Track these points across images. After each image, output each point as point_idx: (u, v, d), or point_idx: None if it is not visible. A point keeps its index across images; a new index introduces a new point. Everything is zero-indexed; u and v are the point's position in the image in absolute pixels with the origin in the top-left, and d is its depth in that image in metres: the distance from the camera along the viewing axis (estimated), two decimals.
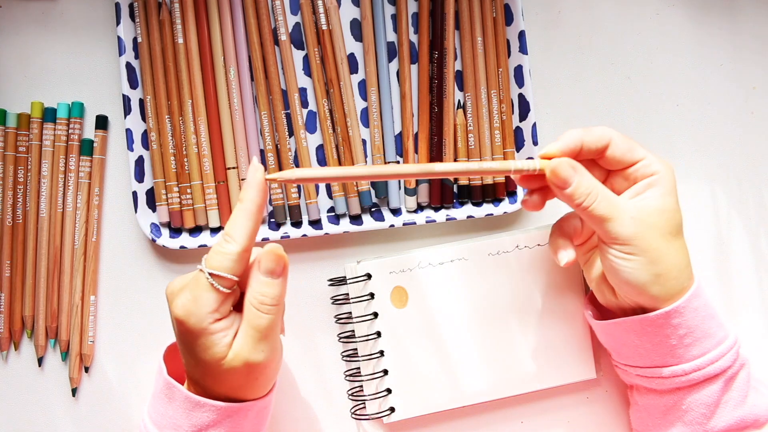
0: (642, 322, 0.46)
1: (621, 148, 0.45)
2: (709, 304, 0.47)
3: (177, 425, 0.43)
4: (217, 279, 0.40)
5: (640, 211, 0.44)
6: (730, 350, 0.46)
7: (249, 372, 0.42)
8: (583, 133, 0.45)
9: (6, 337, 0.53)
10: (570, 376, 0.55)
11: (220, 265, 0.41)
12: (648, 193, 0.45)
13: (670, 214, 0.45)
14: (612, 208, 0.44)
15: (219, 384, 0.43)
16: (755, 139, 0.60)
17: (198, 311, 0.40)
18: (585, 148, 0.45)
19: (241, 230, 0.41)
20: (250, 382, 0.43)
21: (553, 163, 0.44)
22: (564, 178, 0.43)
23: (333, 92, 0.54)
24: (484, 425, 0.56)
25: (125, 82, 0.52)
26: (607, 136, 0.45)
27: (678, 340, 0.46)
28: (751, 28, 0.60)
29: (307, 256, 0.55)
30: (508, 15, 0.56)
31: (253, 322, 0.41)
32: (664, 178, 0.45)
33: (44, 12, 0.55)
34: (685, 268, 0.46)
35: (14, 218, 0.53)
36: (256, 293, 0.42)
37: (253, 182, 0.41)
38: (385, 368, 0.54)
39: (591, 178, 0.44)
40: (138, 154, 0.53)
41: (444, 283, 0.54)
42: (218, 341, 0.41)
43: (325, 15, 0.54)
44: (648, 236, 0.44)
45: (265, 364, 0.42)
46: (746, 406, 0.47)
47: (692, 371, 0.46)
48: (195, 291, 0.41)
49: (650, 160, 0.45)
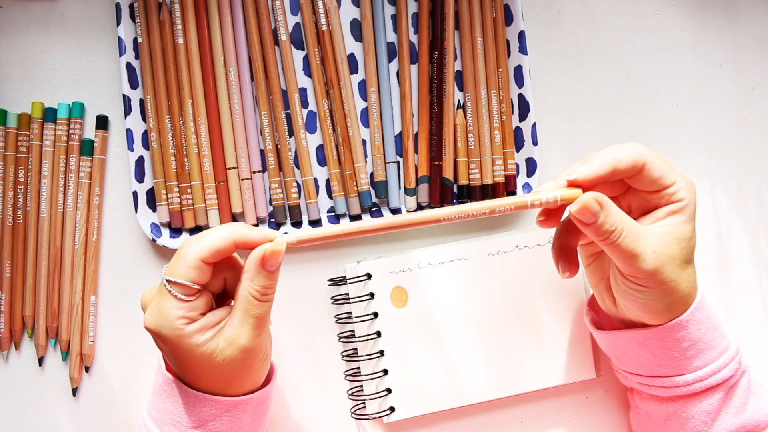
0: (645, 335, 0.45)
1: (655, 173, 0.42)
2: (713, 315, 0.46)
3: (176, 421, 0.43)
4: (176, 287, 0.40)
5: (661, 243, 0.42)
6: (732, 360, 0.46)
7: (245, 358, 0.42)
8: (616, 156, 0.42)
9: (6, 336, 0.53)
10: (570, 376, 0.55)
11: (177, 272, 0.40)
12: (669, 220, 0.43)
13: (688, 242, 0.43)
14: (636, 244, 0.41)
15: (215, 378, 0.43)
16: (755, 139, 0.60)
17: (166, 321, 0.41)
18: (618, 172, 0.42)
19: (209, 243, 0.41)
20: (247, 367, 0.43)
21: (581, 201, 0.41)
22: (592, 215, 0.41)
23: (333, 92, 0.54)
24: (484, 425, 0.56)
25: (125, 83, 0.52)
26: (642, 159, 0.42)
27: (681, 353, 0.45)
28: (751, 28, 0.60)
29: (307, 256, 0.55)
30: (508, 15, 0.56)
31: (252, 311, 0.42)
32: (689, 205, 0.43)
33: (45, 12, 0.55)
34: (694, 290, 0.45)
35: (15, 218, 0.53)
36: (256, 285, 0.42)
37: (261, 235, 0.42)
38: (385, 368, 0.54)
39: (617, 213, 0.41)
40: (138, 154, 0.53)
41: (444, 283, 0.54)
42: (200, 339, 0.41)
43: (325, 15, 0.54)
44: (666, 270, 0.42)
45: (261, 348, 0.43)
46: (747, 413, 0.46)
47: (694, 382, 0.45)
48: (159, 302, 0.41)
49: (680, 185, 0.43)
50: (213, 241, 0.41)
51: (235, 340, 0.41)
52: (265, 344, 0.44)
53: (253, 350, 0.42)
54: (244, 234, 0.41)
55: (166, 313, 0.41)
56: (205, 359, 0.41)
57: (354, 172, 0.55)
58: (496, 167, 0.56)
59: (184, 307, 0.41)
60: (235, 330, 0.42)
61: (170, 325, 0.41)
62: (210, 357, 0.41)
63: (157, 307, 0.41)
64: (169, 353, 0.42)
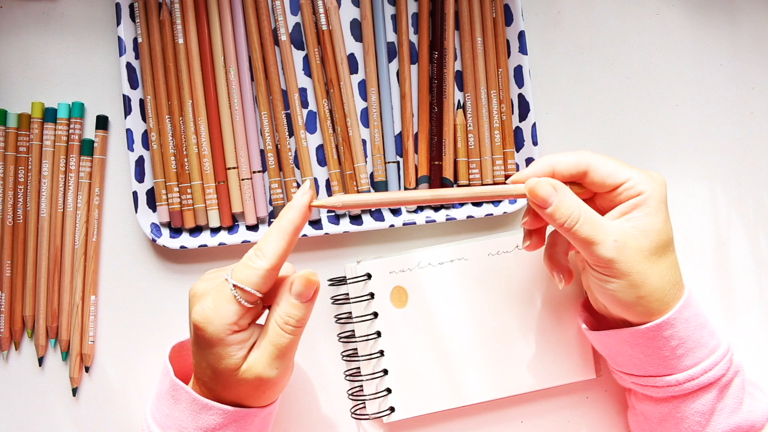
0: (634, 334, 0.46)
1: (601, 174, 0.44)
2: (701, 313, 0.47)
3: (182, 427, 0.43)
4: (240, 292, 0.41)
5: (624, 233, 0.43)
6: (723, 359, 0.46)
7: (258, 386, 0.42)
8: (556, 159, 0.44)
9: (6, 336, 0.53)
10: (570, 376, 0.55)
11: (247, 279, 0.41)
12: (634, 214, 0.44)
13: (656, 234, 0.44)
14: (595, 231, 0.43)
15: (228, 391, 0.43)
16: (755, 139, 0.60)
17: (217, 321, 0.41)
18: (557, 174, 0.44)
19: (274, 248, 0.41)
20: (258, 394, 0.43)
21: (532, 182, 0.43)
22: (543, 198, 0.43)
23: (333, 92, 0.55)
24: (484, 425, 0.56)
25: (125, 83, 0.52)
26: (585, 163, 0.44)
27: (670, 351, 0.45)
28: (751, 28, 0.60)
29: (307, 256, 0.55)
30: (508, 15, 0.56)
31: (275, 339, 0.42)
32: (651, 197, 0.44)
33: (45, 12, 0.55)
34: (672, 287, 0.45)
35: (15, 218, 0.53)
36: (282, 313, 0.42)
37: (297, 204, 0.41)
38: (385, 368, 0.54)
39: (573, 199, 0.43)
40: (138, 154, 0.53)
41: (444, 283, 0.54)
42: (233, 353, 0.41)
43: (325, 15, 0.54)
44: (631, 260, 0.43)
45: (275, 381, 0.42)
46: (742, 413, 0.46)
47: (686, 381, 0.46)
48: (217, 300, 0.41)
49: (635, 180, 0.44)
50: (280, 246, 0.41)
51: (253, 366, 0.41)
52: (282, 378, 0.43)
53: (267, 382, 0.42)
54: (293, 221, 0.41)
55: (222, 313, 0.41)
56: (228, 372, 0.41)
57: (354, 172, 0.55)
58: (496, 167, 0.56)
59: (240, 313, 0.41)
60: (257, 355, 0.42)
61: (219, 328, 0.41)
62: (232, 372, 0.41)
63: (214, 305, 0.41)
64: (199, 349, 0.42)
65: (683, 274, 0.57)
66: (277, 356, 0.42)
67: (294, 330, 0.42)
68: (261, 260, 0.41)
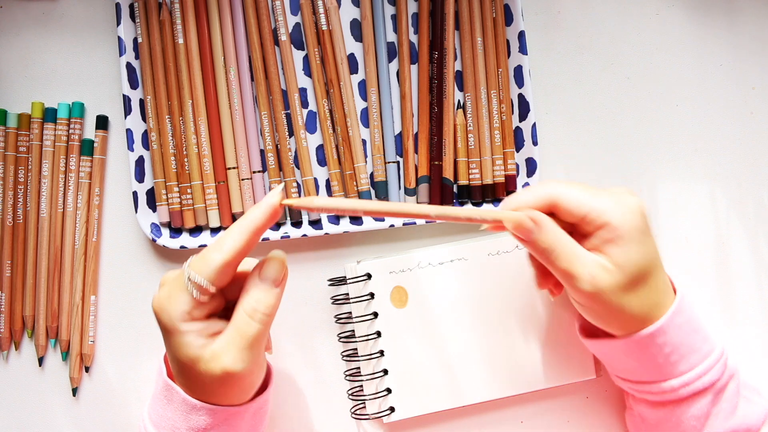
0: (627, 342, 0.45)
1: (570, 205, 0.43)
2: (694, 318, 0.46)
3: (175, 427, 0.43)
4: (192, 284, 0.40)
5: (601, 268, 0.42)
6: (717, 363, 0.46)
7: (225, 380, 0.41)
8: (524, 197, 0.44)
9: (6, 336, 0.53)
10: (570, 376, 0.55)
11: (200, 270, 0.40)
12: (607, 248, 0.42)
13: (633, 267, 0.42)
14: (571, 266, 0.42)
15: (195, 385, 0.42)
16: (755, 139, 0.60)
17: (170, 309, 0.40)
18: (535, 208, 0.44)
19: (232, 243, 0.40)
20: (225, 390, 0.42)
21: (514, 217, 0.42)
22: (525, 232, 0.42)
23: (333, 92, 0.55)
24: (484, 425, 0.56)
25: (125, 83, 0.52)
26: (553, 197, 0.43)
27: (664, 358, 0.45)
28: (751, 29, 0.60)
29: (307, 256, 0.55)
30: (508, 15, 0.56)
31: (242, 329, 0.40)
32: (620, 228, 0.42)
33: (45, 12, 0.55)
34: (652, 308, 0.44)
35: (15, 218, 0.53)
36: (251, 300, 0.41)
37: (264, 203, 0.40)
38: (385, 368, 0.54)
39: (553, 232, 0.42)
40: (138, 154, 0.53)
41: (444, 283, 0.54)
42: (190, 342, 0.40)
43: (325, 15, 0.54)
44: (608, 293, 0.42)
45: (242, 375, 0.41)
46: (737, 417, 0.46)
47: (680, 387, 0.45)
48: (173, 289, 0.41)
49: (600, 210, 0.42)
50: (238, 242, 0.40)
51: (219, 357, 0.40)
52: (251, 374, 0.42)
53: (234, 376, 0.40)
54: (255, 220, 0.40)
55: (174, 301, 0.40)
56: (189, 362, 0.41)
57: (354, 172, 0.55)
58: (496, 167, 0.56)
59: (192, 304, 0.40)
60: (222, 346, 0.40)
61: (172, 315, 0.40)
62: (193, 362, 0.40)
63: (169, 293, 0.41)
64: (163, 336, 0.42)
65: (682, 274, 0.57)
66: (244, 347, 0.40)
67: (262, 318, 0.41)
68: (217, 253, 0.40)
